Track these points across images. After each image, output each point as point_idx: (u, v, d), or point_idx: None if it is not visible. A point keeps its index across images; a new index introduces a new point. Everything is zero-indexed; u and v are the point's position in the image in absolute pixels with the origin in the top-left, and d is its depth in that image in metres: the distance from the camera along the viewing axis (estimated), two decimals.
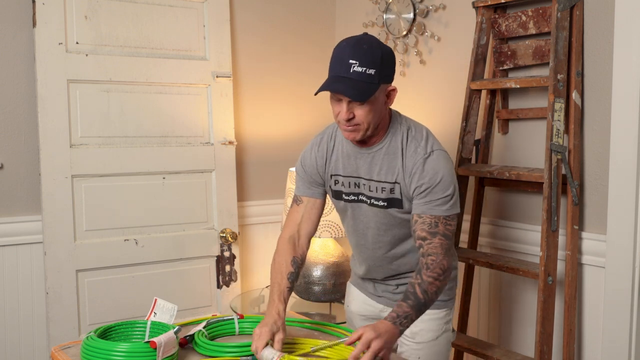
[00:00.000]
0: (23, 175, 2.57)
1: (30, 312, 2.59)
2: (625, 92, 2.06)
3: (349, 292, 2.19)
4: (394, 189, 1.83)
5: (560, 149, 2.14)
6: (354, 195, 1.91)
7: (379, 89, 1.73)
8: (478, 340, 2.44)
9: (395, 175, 1.83)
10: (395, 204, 1.84)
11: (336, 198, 1.97)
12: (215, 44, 2.90)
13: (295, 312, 2.23)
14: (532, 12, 2.31)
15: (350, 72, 1.69)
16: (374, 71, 1.70)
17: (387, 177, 1.84)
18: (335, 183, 1.94)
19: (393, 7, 2.90)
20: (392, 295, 2.04)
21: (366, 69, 1.69)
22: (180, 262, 2.83)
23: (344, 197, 1.94)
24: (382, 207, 1.86)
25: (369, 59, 1.69)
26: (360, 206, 1.92)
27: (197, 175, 2.87)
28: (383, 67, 1.72)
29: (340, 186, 1.93)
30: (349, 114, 1.73)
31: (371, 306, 2.09)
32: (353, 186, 1.91)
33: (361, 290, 2.13)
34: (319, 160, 1.95)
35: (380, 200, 1.86)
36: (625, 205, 2.08)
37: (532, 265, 2.23)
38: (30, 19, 2.54)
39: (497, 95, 2.49)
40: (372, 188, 1.87)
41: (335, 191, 1.95)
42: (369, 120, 1.75)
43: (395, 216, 1.87)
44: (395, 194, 1.83)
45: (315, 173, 1.96)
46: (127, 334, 1.74)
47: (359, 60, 1.69)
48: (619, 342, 2.12)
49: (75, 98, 2.59)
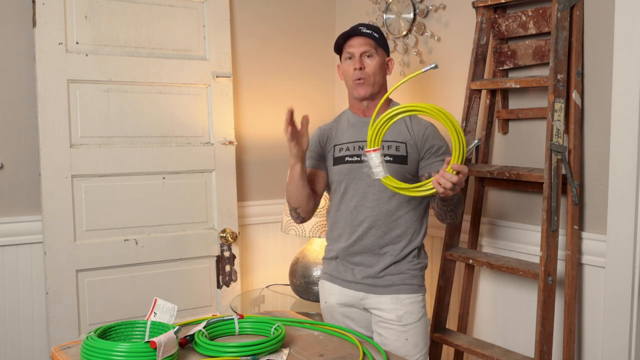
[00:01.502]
0: (23, 175, 2.57)
1: (30, 312, 2.59)
2: (625, 92, 2.06)
3: (323, 289, 2.29)
4: (400, 147, 2.13)
5: (560, 149, 2.14)
6: (357, 156, 2.16)
7: (382, 50, 2.17)
8: (478, 340, 2.44)
9: (402, 136, 2.14)
10: (400, 160, 2.12)
11: (339, 164, 2.19)
12: (215, 44, 2.90)
13: (295, 312, 2.23)
14: (532, 12, 2.31)
15: (361, 31, 2.14)
16: (378, 36, 2.16)
17: (393, 137, 2.13)
18: (339, 150, 2.21)
19: (393, 7, 2.90)
20: (374, 281, 2.16)
21: (372, 32, 2.15)
22: (180, 262, 2.83)
23: (347, 160, 2.18)
24: (387, 161, 2.08)
25: (373, 27, 2.17)
26: (362, 166, 2.12)
27: (197, 175, 2.87)
28: (383, 37, 2.19)
29: (344, 152, 2.19)
30: (361, 63, 2.12)
31: (350, 296, 2.21)
32: (357, 149, 2.17)
33: (335, 282, 2.24)
34: (320, 137, 2.29)
35: (385, 155, 2.10)
36: (625, 205, 2.08)
37: (532, 265, 2.23)
38: (30, 19, 2.54)
39: (497, 95, 2.49)
40: None
41: (338, 157, 2.20)
42: (375, 73, 2.14)
43: (397, 172, 2.09)
44: (400, 152, 2.12)
45: (316, 144, 2.27)
46: (127, 334, 1.74)
47: (365, 26, 2.17)
48: (619, 342, 2.12)
49: (75, 98, 2.59)
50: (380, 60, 2.16)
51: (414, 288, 2.17)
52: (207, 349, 1.67)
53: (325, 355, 1.71)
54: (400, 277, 2.16)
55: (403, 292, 2.15)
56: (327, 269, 2.29)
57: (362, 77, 2.13)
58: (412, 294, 2.16)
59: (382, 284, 2.16)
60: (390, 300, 2.15)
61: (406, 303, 2.15)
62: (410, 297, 2.15)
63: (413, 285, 2.17)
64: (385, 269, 2.16)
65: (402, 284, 2.16)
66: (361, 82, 2.14)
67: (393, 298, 2.15)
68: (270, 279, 3.17)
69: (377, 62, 2.14)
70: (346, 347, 1.77)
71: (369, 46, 2.14)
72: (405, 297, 2.15)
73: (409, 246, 2.17)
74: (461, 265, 2.61)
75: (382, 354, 1.71)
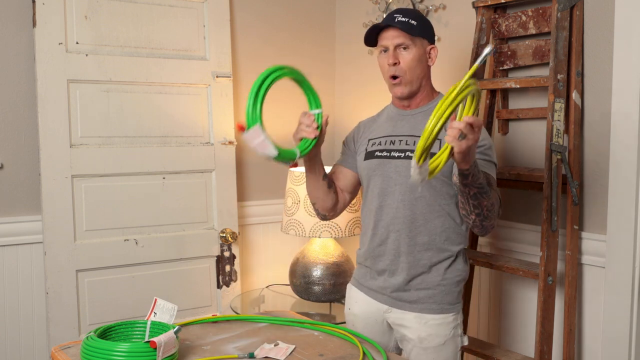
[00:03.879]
0: (23, 175, 2.57)
1: (30, 312, 2.59)
2: (625, 92, 2.06)
3: (350, 294, 2.15)
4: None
5: (560, 149, 2.14)
6: (387, 151, 2.00)
7: (421, 39, 1.95)
8: (478, 340, 2.44)
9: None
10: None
11: (369, 158, 2.04)
12: (215, 44, 2.90)
13: (295, 312, 2.22)
14: (532, 12, 2.31)
15: (395, 22, 1.92)
16: (416, 23, 1.93)
17: None
18: (372, 145, 2.05)
19: (393, 7, 2.90)
20: (399, 294, 1.98)
21: (409, 19, 1.93)
22: (180, 262, 2.83)
23: (377, 155, 2.02)
24: None
25: (411, 14, 1.95)
26: (391, 162, 1.97)
27: (197, 175, 2.87)
28: (424, 23, 1.96)
29: (376, 146, 2.03)
30: (395, 58, 1.93)
31: (375, 307, 2.05)
32: (389, 143, 2.00)
33: (362, 290, 2.10)
34: (356, 133, 2.16)
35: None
36: (625, 205, 2.08)
37: (532, 265, 2.23)
38: (30, 19, 2.54)
39: (497, 95, 2.49)
40: (410, 142, 1.96)
41: (370, 152, 2.04)
42: (412, 68, 1.94)
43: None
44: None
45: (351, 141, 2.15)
46: (127, 334, 1.74)
47: (402, 13, 1.94)
48: (619, 342, 2.12)
49: (75, 98, 2.59)
50: (418, 52, 1.94)
51: (443, 307, 1.95)
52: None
53: (325, 355, 1.71)
54: (428, 292, 1.96)
55: (430, 312, 1.95)
56: (356, 274, 2.15)
57: (398, 74, 1.95)
58: (440, 315, 1.94)
59: (408, 299, 1.97)
60: (415, 319, 1.96)
61: (432, 324, 1.94)
62: (437, 319, 1.94)
63: (443, 304, 1.95)
64: (411, 280, 1.96)
65: (430, 301, 1.96)
66: (397, 82, 1.96)
67: (418, 317, 1.96)
68: (270, 279, 3.17)
69: (414, 54, 1.93)
70: (346, 347, 1.77)
71: (404, 38, 1.92)
72: (431, 317, 1.95)
73: (440, 255, 1.95)
74: None
75: (382, 354, 1.71)
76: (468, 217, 1.82)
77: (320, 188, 2.06)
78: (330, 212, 2.12)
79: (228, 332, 1.88)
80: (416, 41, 1.94)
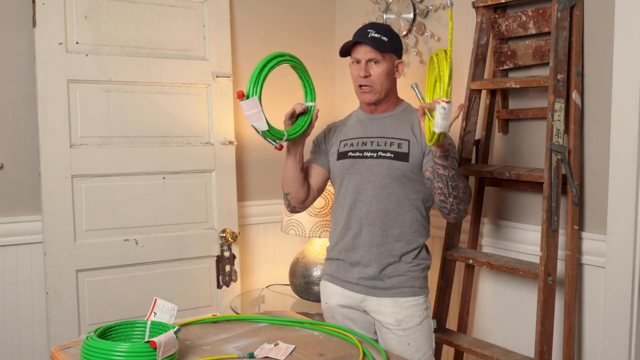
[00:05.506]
0: (23, 175, 2.57)
1: (30, 312, 2.59)
2: (625, 92, 2.06)
3: (324, 289, 2.29)
4: (402, 144, 2.12)
5: (560, 149, 2.14)
6: (359, 152, 2.18)
7: (390, 54, 2.13)
8: (478, 340, 2.44)
9: (406, 133, 2.13)
10: (401, 157, 2.11)
11: (341, 158, 2.21)
12: (215, 44, 2.90)
13: (295, 312, 2.23)
14: (532, 12, 2.31)
15: (367, 37, 2.10)
16: (387, 39, 2.11)
17: (397, 135, 2.14)
18: (344, 146, 2.22)
19: (393, 7, 2.90)
20: (374, 282, 2.14)
21: (381, 36, 2.10)
22: (180, 262, 2.83)
23: (350, 155, 2.19)
24: (388, 157, 2.12)
25: (383, 30, 2.12)
26: (364, 161, 2.15)
27: (197, 175, 2.87)
28: (394, 40, 2.14)
29: (348, 147, 2.21)
30: (366, 72, 2.11)
31: (350, 297, 2.20)
32: (361, 144, 2.18)
33: (336, 283, 2.23)
34: (327, 133, 2.32)
35: (387, 152, 2.13)
36: (625, 205, 2.08)
37: (532, 265, 2.23)
38: (30, 19, 2.54)
39: (497, 95, 2.49)
40: (381, 143, 2.15)
41: (342, 152, 2.22)
42: (381, 80, 2.12)
43: (398, 169, 2.10)
44: (402, 149, 2.11)
45: (322, 141, 2.31)
46: (127, 334, 1.74)
47: (375, 29, 2.12)
48: (619, 342, 2.12)
49: (75, 98, 2.59)
50: (387, 66, 2.12)
51: (414, 290, 2.14)
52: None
53: (325, 355, 1.71)
54: (400, 279, 2.14)
55: (403, 295, 2.13)
56: (328, 270, 2.29)
57: (368, 84, 2.13)
58: (413, 297, 2.13)
59: (382, 287, 2.14)
60: (390, 303, 2.13)
61: (406, 306, 2.12)
62: (410, 300, 2.13)
63: (414, 288, 2.14)
64: (383, 269, 2.13)
65: (402, 286, 2.14)
66: (366, 90, 2.14)
67: (393, 301, 2.13)
68: (270, 279, 3.17)
69: (383, 68, 2.12)
70: (346, 347, 1.77)
71: (376, 53, 2.10)
72: (405, 300, 2.13)
73: (409, 246, 2.15)
74: (461, 265, 2.61)
75: (382, 354, 1.71)
76: (446, 201, 2.02)
77: (297, 179, 2.20)
78: (301, 204, 2.27)
79: (228, 332, 1.89)
80: (386, 56, 2.12)
